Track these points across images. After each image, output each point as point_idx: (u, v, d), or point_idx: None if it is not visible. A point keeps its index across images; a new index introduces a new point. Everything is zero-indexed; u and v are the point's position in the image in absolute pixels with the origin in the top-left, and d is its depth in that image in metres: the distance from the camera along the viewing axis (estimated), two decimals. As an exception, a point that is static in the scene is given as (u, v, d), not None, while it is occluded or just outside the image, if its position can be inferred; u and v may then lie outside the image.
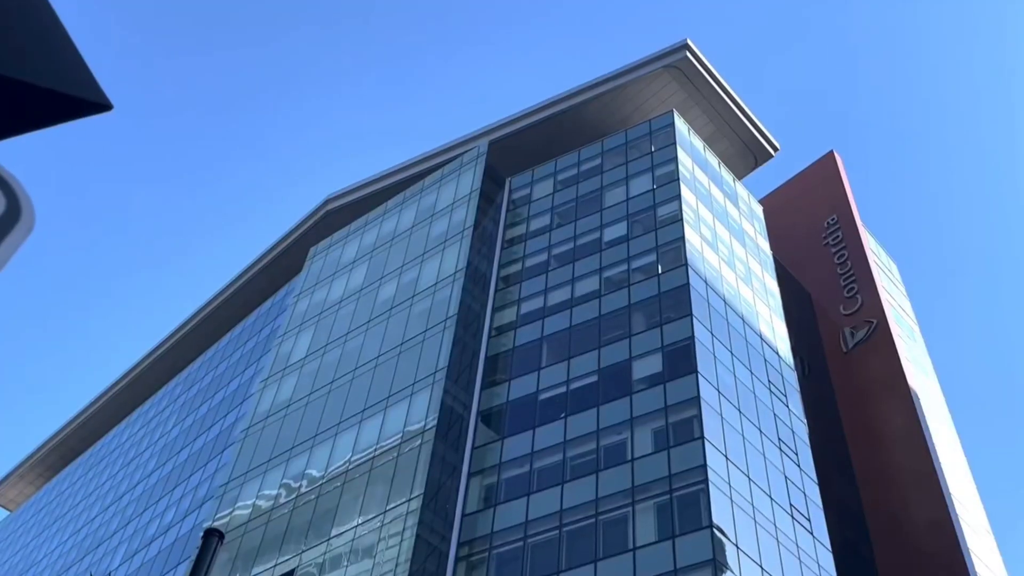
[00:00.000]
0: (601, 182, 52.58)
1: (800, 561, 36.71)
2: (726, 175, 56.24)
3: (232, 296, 70.61)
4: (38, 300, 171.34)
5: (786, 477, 39.87)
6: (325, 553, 40.85)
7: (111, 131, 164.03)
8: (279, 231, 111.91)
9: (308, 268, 61.86)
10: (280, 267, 67.85)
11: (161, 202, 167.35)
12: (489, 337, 46.51)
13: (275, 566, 42.46)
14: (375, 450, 43.33)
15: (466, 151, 58.97)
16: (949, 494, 46.85)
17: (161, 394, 73.26)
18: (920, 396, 52.31)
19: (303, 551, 41.84)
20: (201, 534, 7.72)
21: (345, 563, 39.62)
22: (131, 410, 77.40)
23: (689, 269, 43.85)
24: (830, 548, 39.33)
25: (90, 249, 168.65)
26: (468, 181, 55.85)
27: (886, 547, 47.03)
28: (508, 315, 47.33)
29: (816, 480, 41.80)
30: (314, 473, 45.20)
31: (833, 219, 64.15)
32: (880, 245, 67.42)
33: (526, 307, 47.03)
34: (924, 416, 50.65)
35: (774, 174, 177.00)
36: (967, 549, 44.62)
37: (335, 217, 64.65)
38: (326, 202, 65.15)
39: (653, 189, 49.96)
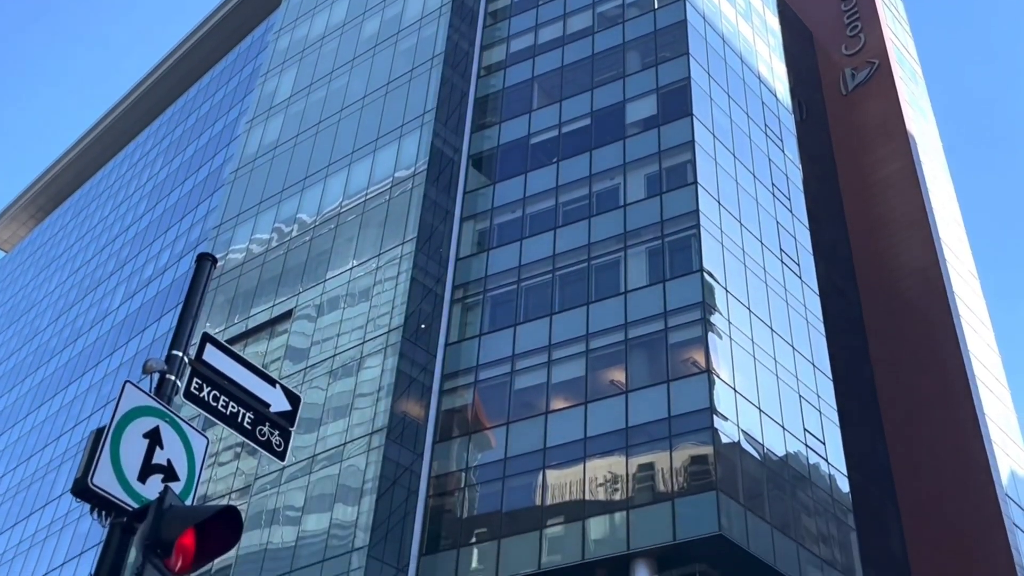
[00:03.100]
0: (595, -93, 49.12)
1: (787, 304, 37.60)
2: (730, -100, 52.58)
3: (209, 33, 67.83)
4: (15, 40, 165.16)
5: (778, 222, 40.05)
6: (322, 295, 41.57)
7: None
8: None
9: (287, 1, 58.99)
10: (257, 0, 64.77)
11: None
12: (478, 77, 45.10)
13: (272, 307, 43.33)
14: (366, 194, 43.13)
15: None
16: (939, 239, 47.38)
17: (145, 135, 72.05)
18: (917, 140, 51.72)
19: (299, 292, 42.56)
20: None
21: (342, 305, 40.42)
22: (117, 151, 76.44)
23: (687, 3, 41.83)
24: (817, 292, 40.20)
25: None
26: (452, -97, 52.09)
27: (872, 291, 48.13)
28: (497, 54, 45.65)
29: (807, 225, 42.07)
30: (305, 217, 45.21)
31: (839, -52, 60.73)
32: (886, -23, 64.27)
33: (515, 45, 45.27)
34: (920, 161, 50.29)
35: None
36: (952, 293, 45.69)
37: (314, -54, 60.83)
38: (303, -71, 61.05)
39: (651, -85, 46.77)
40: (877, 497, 41.38)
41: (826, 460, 34.67)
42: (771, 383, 34.12)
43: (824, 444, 34.90)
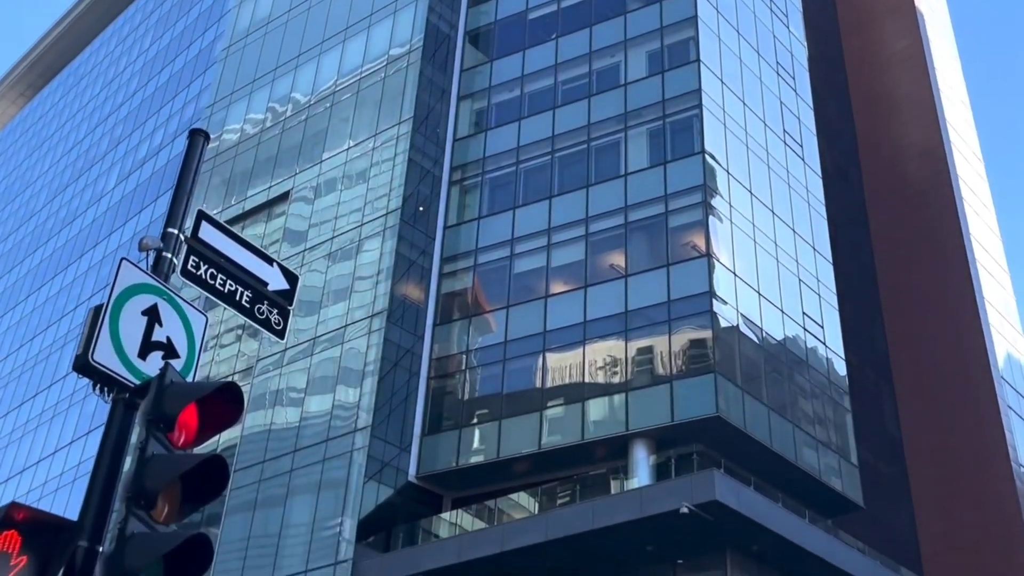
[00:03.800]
0: None
1: (789, 186, 37.24)
2: None
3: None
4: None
5: (781, 102, 39.31)
6: (318, 176, 41.21)
7: None
8: None
9: None
10: None
11: None
12: (474, -52, 43.54)
13: (269, 188, 43.01)
14: (360, 72, 42.26)
15: None
16: (944, 120, 46.58)
17: (133, 10, 70.04)
18: (926, 17, 50.28)
19: (296, 174, 42.19)
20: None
21: (340, 187, 40.10)
22: (105, 26, 74.45)
23: None
24: (820, 173, 39.76)
25: None
26: None
27: (875, 172, 47.59)
28: (494, -77, 43.94)
29: (811, 105, 41.29)
30: (299, 96, 44.42)
31: None
32: None
33: (513, -86, 43.53)
34: (928, 39, 48.98)
35: None
36: (955, 175, 45.19)
37: None
38: None
39: None
40: (873, 380, 41.90)
41: (824, 343, 34.94)
42: (771, 267, 34.10)
43: (822, 327, 35.11)
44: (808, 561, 27.36)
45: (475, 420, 32.52)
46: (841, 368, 35.41)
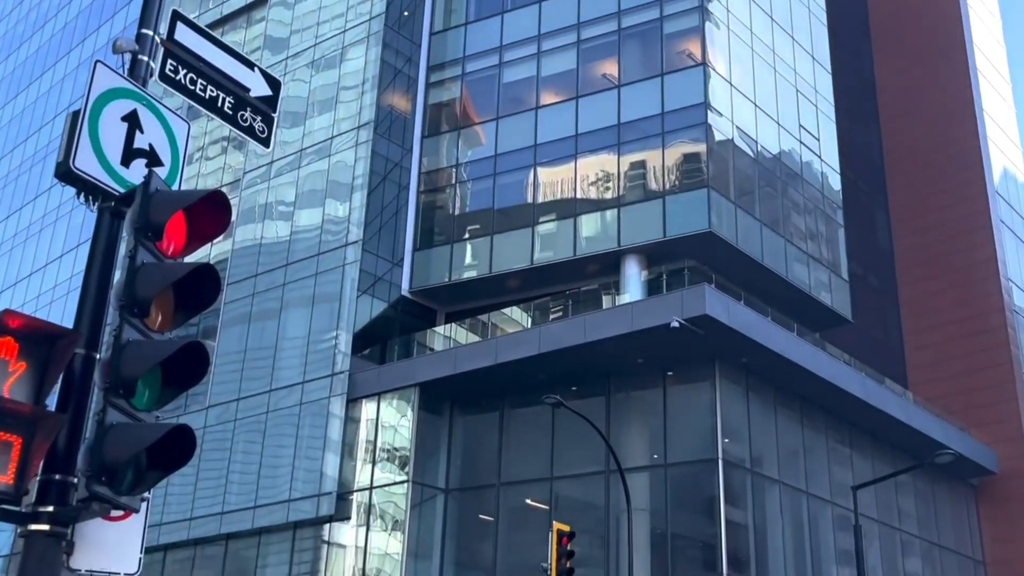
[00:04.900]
0: None
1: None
2: None
3: None
4: None
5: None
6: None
7: None
8: None
9: None
10: None
11: None
12: None
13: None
14: None
15: None
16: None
17: None
18: None
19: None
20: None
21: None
22: None
23: None
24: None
25: None
26: None
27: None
28: None
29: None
30: None
31: None
32: None
33: None
34: None
35: None
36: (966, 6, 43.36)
37: None
38: None
39: None
40: (867, 193, 41.65)
41: (819, 157, 34.44)
42: (768, 77, 33.16)
43: (818, 141, 34.53)
44: (796, 373, 27.88)
45: (467, 235, 32.36)
46: (836, 182, 35.07)
